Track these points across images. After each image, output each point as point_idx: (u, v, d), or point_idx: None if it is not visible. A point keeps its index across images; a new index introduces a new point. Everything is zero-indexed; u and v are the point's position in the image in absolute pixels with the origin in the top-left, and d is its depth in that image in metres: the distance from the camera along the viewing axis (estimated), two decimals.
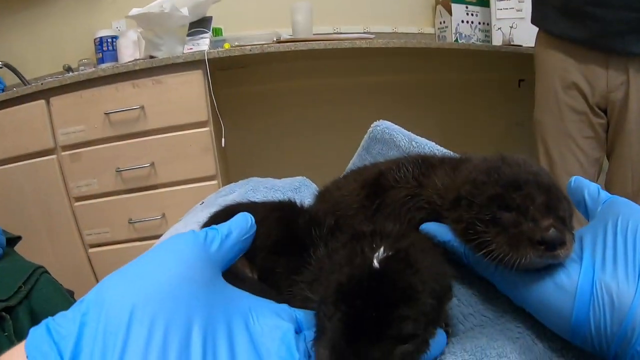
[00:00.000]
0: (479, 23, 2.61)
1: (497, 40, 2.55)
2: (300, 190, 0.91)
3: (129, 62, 1.89)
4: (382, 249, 0.39)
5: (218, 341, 0.34)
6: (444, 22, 2.61)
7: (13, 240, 1.21)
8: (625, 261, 0.38)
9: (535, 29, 1.62)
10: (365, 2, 2.65)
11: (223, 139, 1.94)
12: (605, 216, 0.43)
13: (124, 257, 1.55)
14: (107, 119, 1.83)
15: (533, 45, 1.67)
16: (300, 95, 2.61)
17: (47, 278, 1.09)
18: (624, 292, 0.37)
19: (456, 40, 2.54)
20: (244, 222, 0.44)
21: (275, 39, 2.04)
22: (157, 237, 1.89)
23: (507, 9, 2.55)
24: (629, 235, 0.40)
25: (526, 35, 2.44)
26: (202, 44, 1.94)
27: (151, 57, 1.91)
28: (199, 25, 2.00)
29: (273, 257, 0.48)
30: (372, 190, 0.55)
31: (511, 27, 2.55)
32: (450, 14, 2.54)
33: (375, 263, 0.37)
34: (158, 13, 1.83)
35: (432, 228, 0.49)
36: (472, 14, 2.59)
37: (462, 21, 2.57)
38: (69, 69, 2.26)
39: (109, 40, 2.25)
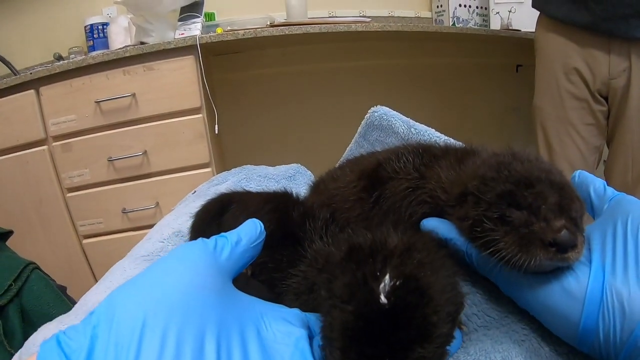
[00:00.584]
0: (477, 7, 2.60)
1: (495, 24, 2.54)
2: (295, 178, 0.90)
3: (119, 48, 1.85)
4: (387, 277, 0.34)
5: (232, 349, 0.34)
6: (441, 5, 2.59)
7: (4, 235, 1.18)
8: (637, 266, 0.36)
9: (534, 14, 1.60)
10: None
11: (216, 126, 1.93)
12: (614, 215, 0.41)
13: (118, 247, 1.54)
14: (98, 107, 1.80)
15: (531, 30, 1.65)
16: (296, 80, 2.59)
17: (38, 275, 1.06)
18: (636, 299, 0.35)
19: (453, 24, 2.52)
20: (253, 229, 0.43)
21: (269, 23, 2.00)
22: (151, 226, 1.86)
23: None
24: None
25: (525, 19, 2.43)
26: (194, 28, 1.91)
27: (142, 43, 1.88)
28: (191, 9, 1.97)
29: (266, 251, 0.46)
30: (370, 182, 0.53)
31: (509, 11, 2.54)
32: None
33: (382, 298, 0.34)
34: None
35: (434, 224, 0.47)
36: None
37: (460, 5, 2.55)
38: (59, 58, 2.23)
39: (100, 27, 2.22)
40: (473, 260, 0.44)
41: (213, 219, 0.59)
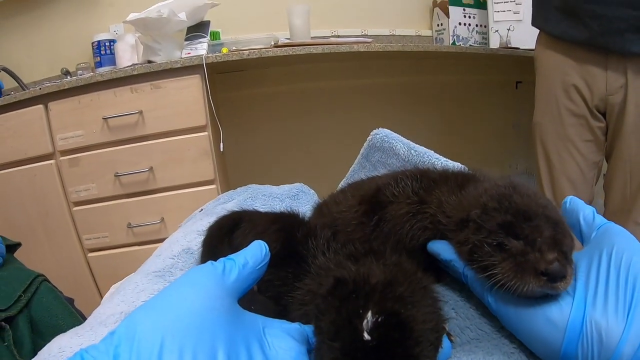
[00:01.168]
0: (477, 25, 2.63)
1: (494, 42, 2.56)
2: (298, 197, 0.92)
3: (127, 66, 1.89)
4: (369, 314, 0.37)
5: None
6: (442, 24, 2.63)
7: (13, 247, 1.20)
8: (616, 297, 0.39)
9: (532, 31, 1.62)
10: (362, 5, 2.66)
11: (221, 144, 1.95)
12: (600, 245, 0.44)
13: (123, 262, 1.55)
14: (106, 123, 1.83)
15: (530, 47, 1.67)
16: (299, 98, 2.62)
17: (46, 286, 1.07)
18: (613, 330, 0.38)
19: (453, 42, 2.56)
20: (258, 252, 0.45)
21: (273, 43, 2.04)
22: (156, 241, 1.89)
23: (504, 11, 2.56)
24: (622, 270, 0.41)
25: (523, 37, 2.46)
26: (200, 48, 1.95)
27: (149, 61, 1.91)
28: (197, 29, 2.01)
29: (271, 269, 0.49)
30: (370, 207, 0.56)
31: (508, 29, 2.56)
32: (448, 17, 2.56)
33: (366, 335, 0.36)
34: (156, 18, 1.83)
35: (438, 247, 0.51)
36: (469, 17, 2.61)
37: (460, 23, 2.58)
38: (66, 73, 2.27)
39: (107, 44, 2.26)
40: (468, 281, 0.48)
41: (225, 235, 0.62)
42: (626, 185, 1.45)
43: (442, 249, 0.50)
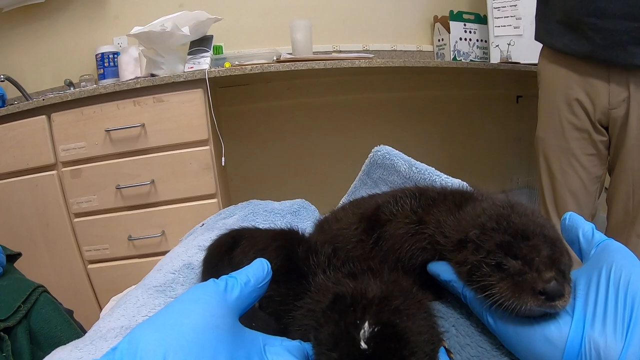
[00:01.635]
0: (477, 40, 2.65)
1: (495, 57, 2.58)
2: (299, 213, 0.93)
3: (130, 79, 1.90)
4: (366, 325, 0.38)
5: None
6: (442, 39, 2.65)
7: (13, 257, 1.21)
8: (615, 317, 0.39)
9: (533, 46, 1.63)
10: (364, 20, 2.69)
11: (223, 158, 1.96)
12: (599, 263, 0.44)
13: (123, 274, 1.55)
14: (108, 136, 1.84)
15: (530, 62, 1.67)
16: (301, 112, 2.63)
17: (46, 297, 1.08)
18: (611, 349, 0.38)
19: (454, 57, 2.57)
20: (260, 270, 0.46)
21: (275, 58, 2.06)
22: (156, 254, 1.90)
23: (504, 26, 2.58)
24: (620, 288, 0.41)
25: (524, 52, 2.48)
26: (203, 62, 1.96)
27: (152, 75, 1.93)
28: (200, 44, 2.03)
29: (273, 285, 0.49)
30: (370, 225, 0.56)
31: (509, 44, 2.58)
32: (449, 32, 2.58)
33: (363, 344, 0.37)
34: (159, 32, 1.85)
35: (438, 268, 0.51)
36: (470, 32, 2.63)
37: (460, 38, 2.61)
38: (70, 84, 2.28)
39: (110, 56, 2.28)
40: (468, 301, 0.48)
41: (225, 253, 0.62)
42: (629, 199, 1.45)
43: (441, 269, 0.51)
